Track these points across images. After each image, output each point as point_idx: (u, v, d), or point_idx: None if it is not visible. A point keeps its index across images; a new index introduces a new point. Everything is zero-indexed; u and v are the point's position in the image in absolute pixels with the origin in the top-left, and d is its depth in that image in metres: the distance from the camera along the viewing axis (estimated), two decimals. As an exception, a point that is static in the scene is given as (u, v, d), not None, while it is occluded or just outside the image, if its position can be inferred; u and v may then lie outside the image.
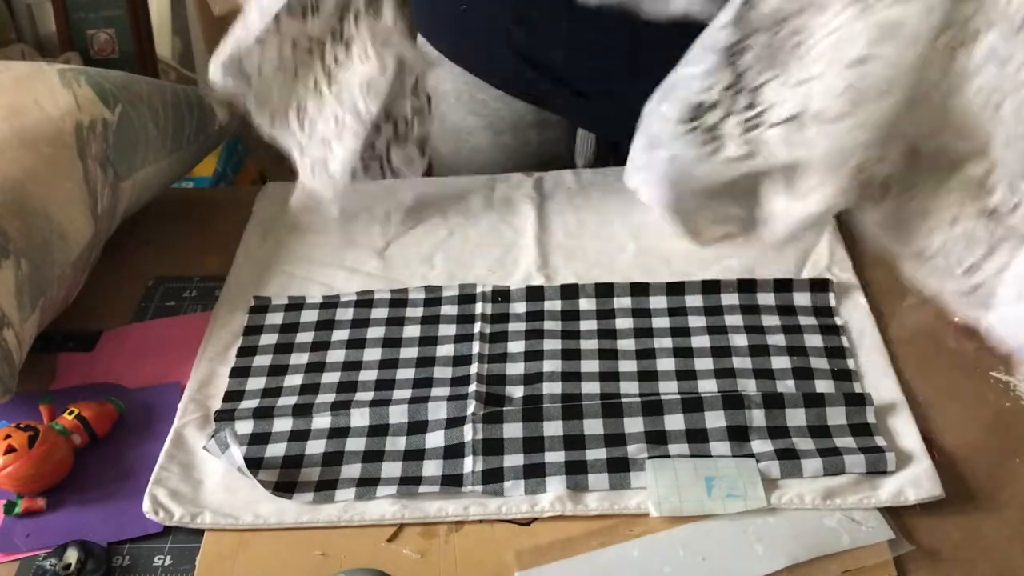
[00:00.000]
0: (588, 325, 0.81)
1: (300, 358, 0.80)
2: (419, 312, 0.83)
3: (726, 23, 0.65)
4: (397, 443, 0.71)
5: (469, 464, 0.69)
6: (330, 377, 0.77)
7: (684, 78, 0.69)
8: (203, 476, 0.70)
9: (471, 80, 1.04)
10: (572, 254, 0.89)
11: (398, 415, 0.73)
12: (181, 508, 0.67)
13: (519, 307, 0.82)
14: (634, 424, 0.71)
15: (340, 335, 0.81)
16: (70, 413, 0.73)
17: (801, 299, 0.82)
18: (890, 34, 0.60)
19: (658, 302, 0.82)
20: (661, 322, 0.80)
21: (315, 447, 0.71)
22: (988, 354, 0.74)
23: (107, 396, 0.76)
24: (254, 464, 0.70)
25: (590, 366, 0.77)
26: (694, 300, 0.82)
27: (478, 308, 0.83)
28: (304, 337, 0.81)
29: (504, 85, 1.03)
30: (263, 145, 0.89)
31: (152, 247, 0.94)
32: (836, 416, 0.71)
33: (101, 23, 1.89)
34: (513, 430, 0.71)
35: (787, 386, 0.74)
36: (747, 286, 0.83)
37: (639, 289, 0.83)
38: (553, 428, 0.71)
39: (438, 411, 0.73)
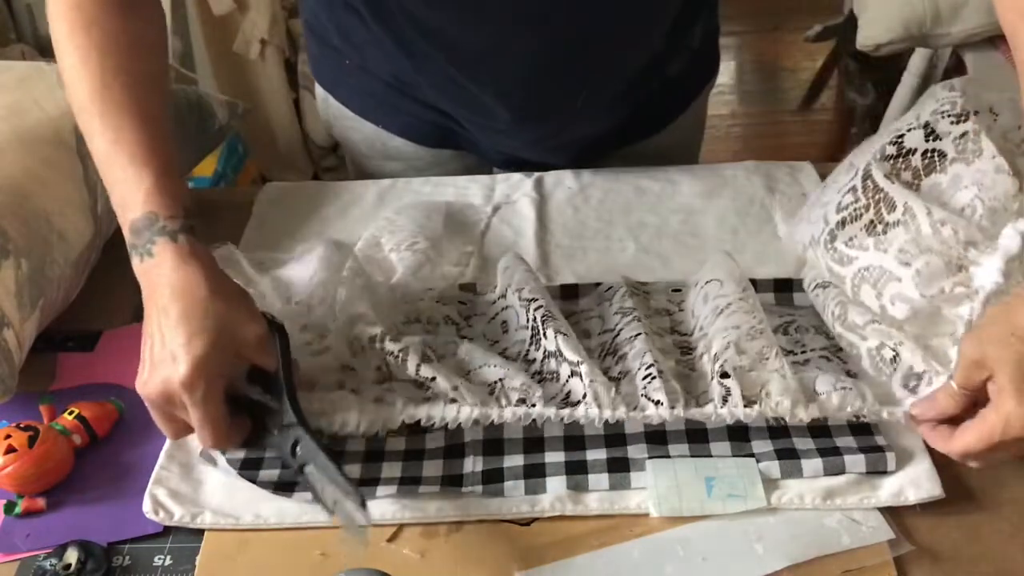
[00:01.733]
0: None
1: (300, 358, 0.79)
2: (419, 312, 0.83)
3: None
4: (397, 443, 0.71)
5: (469, 464, 0.69)
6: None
7: None
8: (203, 476, 0.70)
9: (380, 128, 1.03)
10: (572, 254, 0.89)
11: (398, 415, 0.73)
12: (181, 508, 0.67)
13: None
14: (634, 424, 0.71)
15: (340, 335, 0.81)
16: (70, 413, 0.73)
17: (801, 299, 0.82)
18: None
19: (658, 302, 0.82)
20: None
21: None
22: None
23: (107, 396, 0.76)
24: (254, 464, 0.70)
25: (590, 366, 0.76)
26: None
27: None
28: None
29: (409, 133, 1.02)
30: (263, 145, 0.89)
31: (152, 247, 0.94)
32: (836, 416, 0.71)
33: (101, 23, 1.88)
34: (513, 430, 0.71)
35: (787, 386, 0.74)
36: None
37: (639, 289, 0.83)
38: (553, 428, 0.71)
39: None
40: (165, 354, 0.63)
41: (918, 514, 0.65)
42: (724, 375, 0.69)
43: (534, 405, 0.69)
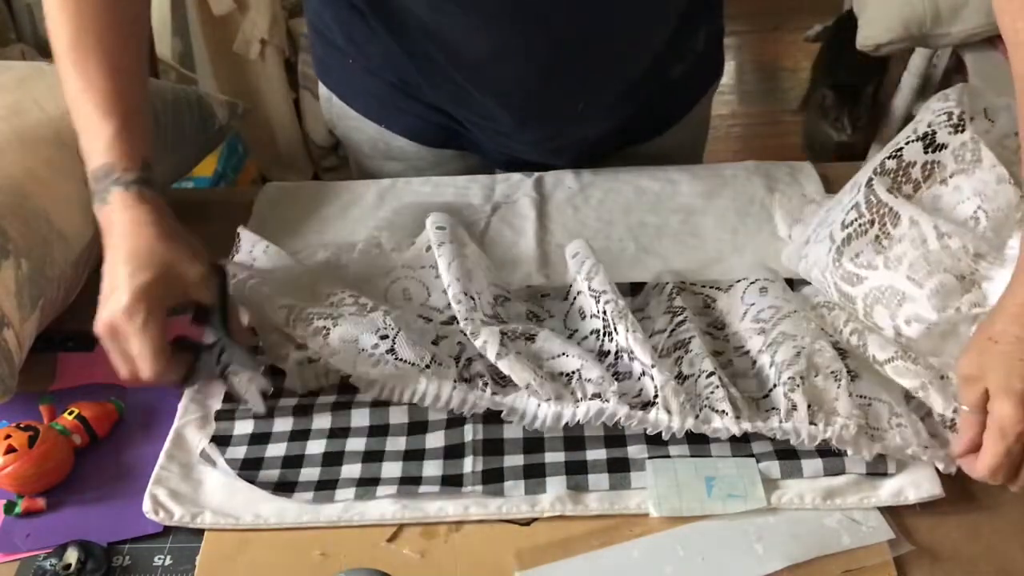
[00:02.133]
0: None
1: (300, 358, 0.79)
2: (419, 312, 0.83)
3: None
4: (397, 443, 0.71)
5: (469, 464, 0.69)
6: (330, 377, 0.77)
7: None
8: (203, 476, 0.70)
9: (383, 128, 1.03)
10: (572, 254, 0.89)
11: (398, 415, 0.73)
12: (181, 508, 0.67)
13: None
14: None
15: (340, 335, 0.81)
16: (70, 413, 0.73)
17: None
18: None
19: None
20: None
21: (315, 447, 0.71)
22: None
23: (107, 396, 0.76)
24: (254, 465, 0.70)
25: (590, 366, 0.76)
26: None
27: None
28: (304, 337, 0.81)
29: (411, 134, 1.02)
30: (263, 145, 0.89)
31: (152, 247, 0.94)
32: (836, 416, 0.71)
33: (101, 23, 1.88)
34: (513, 430, 0.71)
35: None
36: (747, 286, 0.83)
37: (639, 289, 0.83)
38: (554, 428, 0.71)
39: (438, 411, 0.73)
40: (109, 288, 0.69)
41: (918, 514, 0.65)
42: (792, 388, 0.68)
43: (607, 401, 0.69)
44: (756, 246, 0.89)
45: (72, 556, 0.64)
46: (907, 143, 0.76)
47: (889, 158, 0.76)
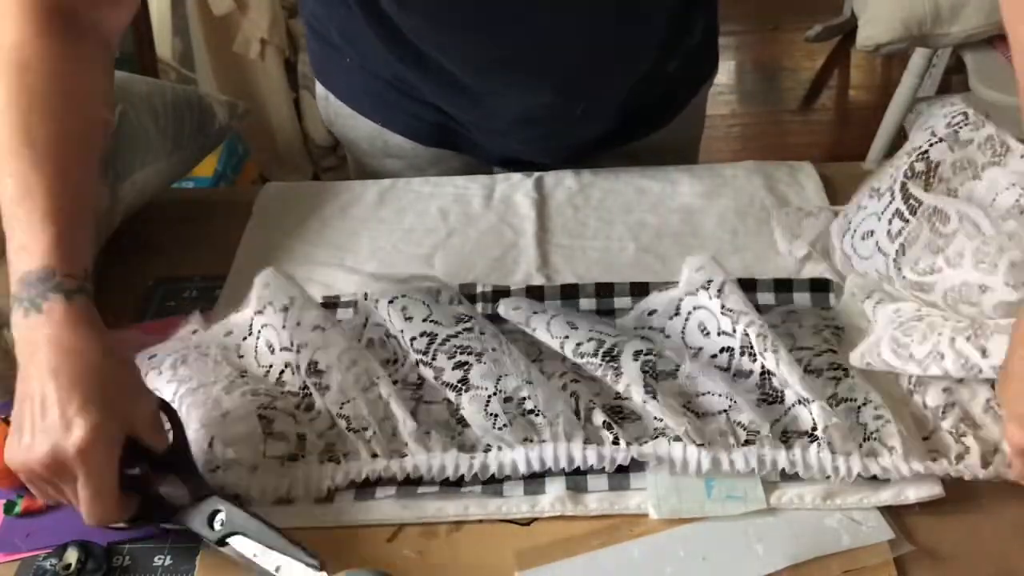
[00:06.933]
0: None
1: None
2: (419, 312, 0.83)
3: None
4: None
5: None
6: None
7: None
8: (203, 476, 0.70)
9: (381, 126, 1.03)
10: (572, 254, 0.89)
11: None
12: (181, 508, 0.67)
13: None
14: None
15: (340, 335, 0.81)
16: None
17: (801, 299, 0.82)
18: None
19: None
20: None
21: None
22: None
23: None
24: (254, 464, 0.70)
25: (590, 366, 0.76)
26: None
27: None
28: (304, 337, 0.81)
29: (409, 132, 1.02)
30: (263, 145, 0.89)
31: (152, 247, 0.94)
32: (836, 416, 0.71)
33: (101, 23, 1.89)
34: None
35: (787, 386, 0.74)
36: (747, 286, 0.82)
37: (639, 289, 0.83)
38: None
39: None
40: (54, 419, 0.59)
41: (918, 514, 0.65)
42: (962, 433, 0.67)
43: (764, 447, 0.67)
44: (756, 246, 0.89)
45: (72, 556, 0.64)
46: (931, 145, 0.76)
47: (917, 161, 0.76)
